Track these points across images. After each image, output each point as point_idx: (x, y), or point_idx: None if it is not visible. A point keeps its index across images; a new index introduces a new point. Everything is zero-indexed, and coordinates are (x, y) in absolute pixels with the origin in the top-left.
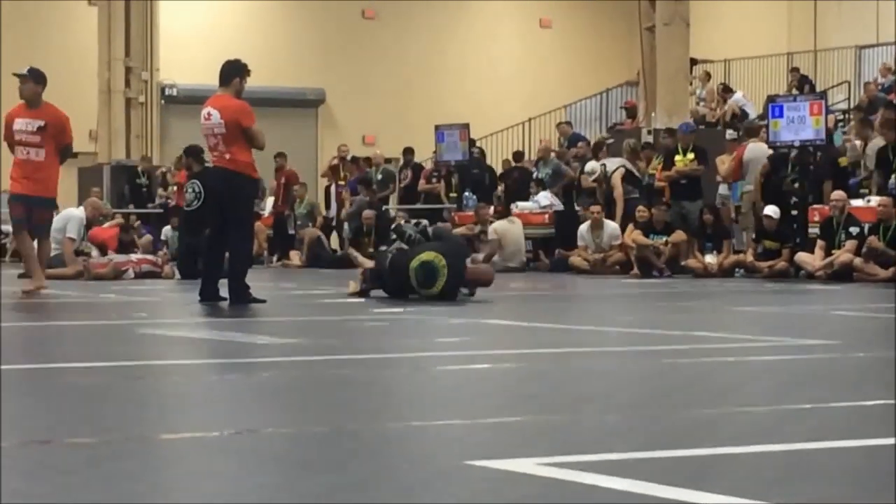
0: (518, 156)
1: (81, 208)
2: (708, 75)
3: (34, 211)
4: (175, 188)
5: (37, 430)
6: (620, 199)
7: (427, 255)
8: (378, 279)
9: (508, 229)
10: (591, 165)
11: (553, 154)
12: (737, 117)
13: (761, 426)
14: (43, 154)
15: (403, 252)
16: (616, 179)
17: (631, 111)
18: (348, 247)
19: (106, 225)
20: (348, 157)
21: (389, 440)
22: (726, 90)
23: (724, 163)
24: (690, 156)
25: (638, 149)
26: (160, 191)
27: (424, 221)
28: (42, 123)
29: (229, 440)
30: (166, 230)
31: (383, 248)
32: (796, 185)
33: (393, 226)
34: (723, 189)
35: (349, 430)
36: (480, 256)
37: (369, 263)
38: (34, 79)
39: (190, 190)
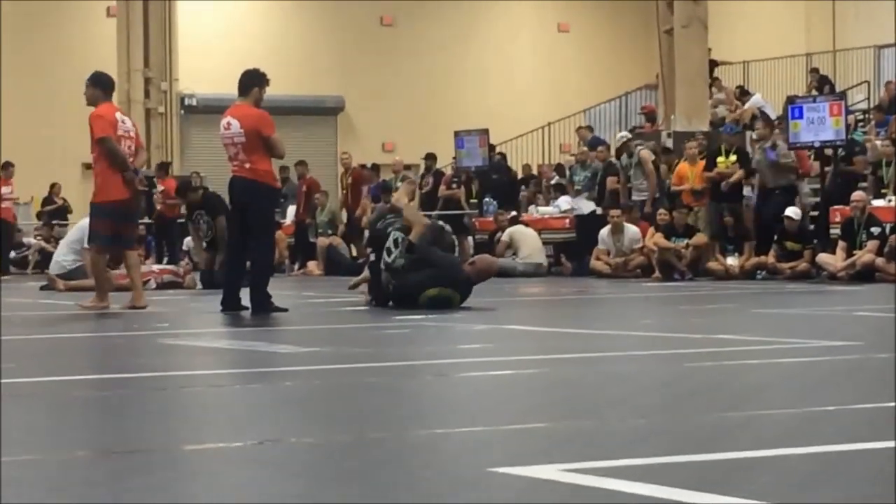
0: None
1: None
2: (716, 80)
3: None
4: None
5: (60, 442)
6: (652, 176)
7: (432, 292)
8: (382, 299)
9: (524, 232)
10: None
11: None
12: (756, 119)
13: (785, 429)
14: (93, 159)
15: (405, 282)
16: (646, 155)
17: (650, 116)
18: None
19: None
20: (368, 165)
21: (413, 448)
22: (743, 93)
23: None
24: (733, 157)
25: (659, 152)
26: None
27: (399, 235)
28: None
29: (253, 450)
30: (188, 240)
31: (373, 258)
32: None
33: (383, 265)
34: (745, 191)
35: (373, 439)
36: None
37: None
38: (92, 82)
39: (202, 222)
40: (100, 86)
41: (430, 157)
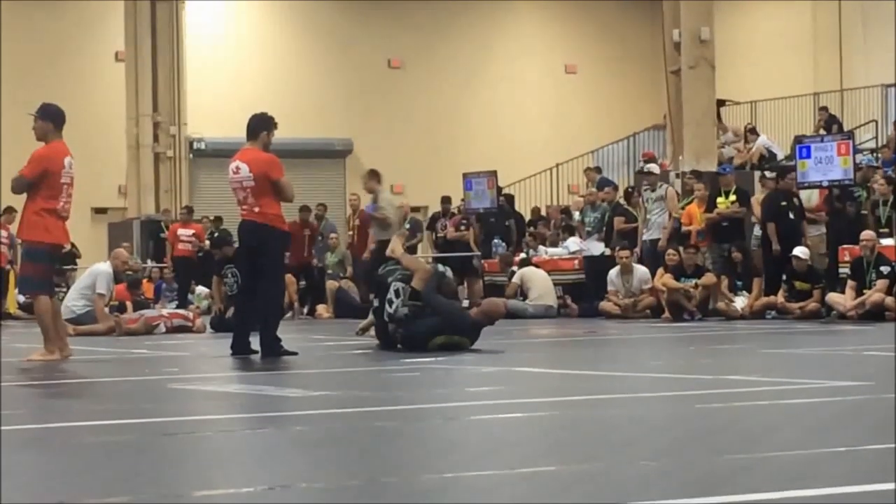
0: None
1: (108, 263)
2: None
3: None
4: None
5: (71, 489)
6: (677, 212)
7: (440, 340)
8: (389, 343)
9: (535, 273)
10: (652, 164)
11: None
12: (764, 159)
13: (795, 470)
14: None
15: (412, 330)
16: (672, 192)
17: (649, 161)
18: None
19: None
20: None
21: (423, 492)
22: (752, 132)
23: (758, 204)
24: (732, 198)
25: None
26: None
27: (400, 285)
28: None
29: (264, 496)
30: (200, 290)
31: (376, 304)
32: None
33: (386, 314)
34: (758, 230)
35: (383, 483)
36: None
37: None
38: (41, 115)
39: (230, 274)
40: (50, 119)
41: (446, 201)
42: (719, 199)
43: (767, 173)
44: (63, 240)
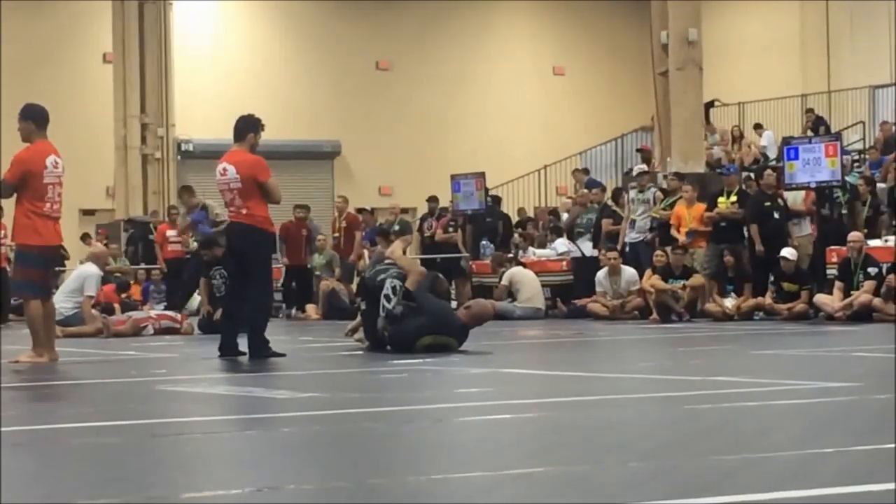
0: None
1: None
2: (708, 121)
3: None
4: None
5: (57, 491)
6: (657, 212)
7: (427, 340)
8: (378, 344)
9: (524, 275)
10: (641, 165)
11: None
12: (757, 161)
13: (785, 471)
14: (17, 198)
15: (401, 329)
16: (659, 197)
17: (646, 155)
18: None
19: None
20: (369, 209)
21: (411, 494)
22: (758, 127)
23: None
24: (733, 198)
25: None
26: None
27: (397, 282)
28: None
29: (251, 497)
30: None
31: (363, 307)
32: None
33: (383, 311)
34: (747, 232)
35: (371, 485)
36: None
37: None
38: (23, 116)
39: (218, 276)
40: (32, 119)
41: (433, 200)
42: (720, 199)
43: (752, 175)
44: (55, 241)
